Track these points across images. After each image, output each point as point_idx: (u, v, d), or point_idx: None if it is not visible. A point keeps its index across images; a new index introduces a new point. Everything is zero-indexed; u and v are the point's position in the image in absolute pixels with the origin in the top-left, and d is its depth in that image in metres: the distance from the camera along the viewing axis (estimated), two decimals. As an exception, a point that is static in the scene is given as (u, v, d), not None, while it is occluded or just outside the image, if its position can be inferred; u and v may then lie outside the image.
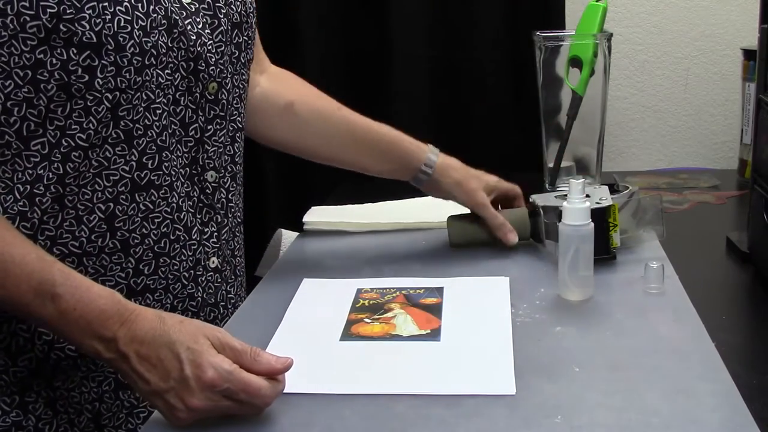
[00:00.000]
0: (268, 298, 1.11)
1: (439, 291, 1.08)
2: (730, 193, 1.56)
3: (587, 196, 1.04)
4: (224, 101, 1.02)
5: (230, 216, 1.07)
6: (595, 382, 0.84)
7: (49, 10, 0.84)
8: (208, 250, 1.03)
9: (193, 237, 1.00)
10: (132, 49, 0.89)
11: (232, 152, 1.05)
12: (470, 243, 1.24)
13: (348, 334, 0.97)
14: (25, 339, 0.94)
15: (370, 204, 1.45)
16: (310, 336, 0.97)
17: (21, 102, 0.87)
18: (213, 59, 0.98)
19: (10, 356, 0.94)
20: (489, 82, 1.75)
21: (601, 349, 0.91)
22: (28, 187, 0.89)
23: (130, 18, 0.88)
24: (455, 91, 1.77)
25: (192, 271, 1.01)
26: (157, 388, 0.79)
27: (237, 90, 1.05)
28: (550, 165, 1.60)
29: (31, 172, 0.89)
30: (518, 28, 1.71)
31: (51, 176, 0.90)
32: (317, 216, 1.38)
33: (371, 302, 1.06)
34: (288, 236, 1.37)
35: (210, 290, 1.04)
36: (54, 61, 0.86)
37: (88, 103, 0.89)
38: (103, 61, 0.88)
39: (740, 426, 0.75)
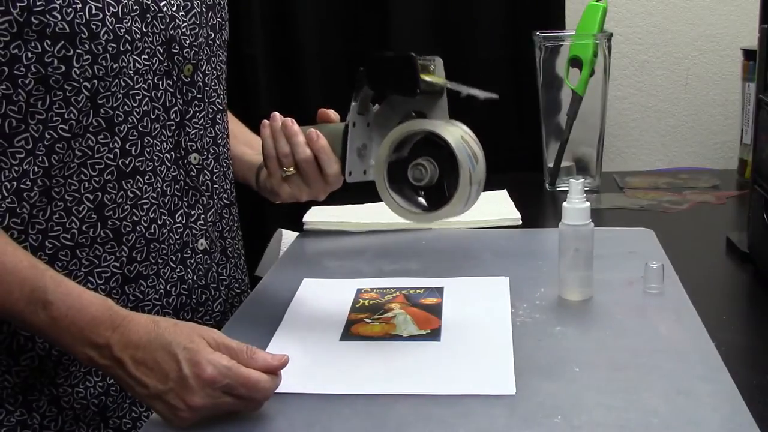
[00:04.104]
0: (268, 298, 1.11)
1: (439, 291, 1.08)
2: (730, 193, 1.56)
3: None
4: (200, 83, 1.02)
5: (216, 197, 1.07)
6: (595, 382, 0.84)
7: (19, 4, 0.84)
8: (195, 232, 1.03)
9: (179, 220, 1.01)
10: (106, 36, 0.89)
11: (213, 134, 1.05)
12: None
13: (348, 334, 0.97)
14: (25, 338, 0.94)
15: (370, 204, 1.45)
16: (310, 336, 0.97)
17: (0, 100, 0.87)
18: (188, 42, 0.98)
19: (12, 356, 0.94)
20: (489, 82, 1.74)
21: (601, 349, 0.91)
22: (15, 183, 0.90)
23: (101, 5, 0.89)
24: (455, 91, 1.77)
25: (180, 254, 1.01)
26: (156, 390, 0.79)
27: (214, 72, 1.05)
28: (550, 165, 1.60)
29: (17, 168, 0.89)
30: (518, 28, 1.71)
31: (37, 170, 0.90)
32: (317, 216, 1.38)
33: (371, 302, 1.06)
34: (288, 236, 1.37)
35: (199, 272, 1.04)
36: (29, 54, 0.86)
37: (67, 94, 0.89)
38: (78, 51, 0.88)
39: (740, 426, 0.75)
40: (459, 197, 0.87)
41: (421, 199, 0.92)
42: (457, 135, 0.89)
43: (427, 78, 0.90)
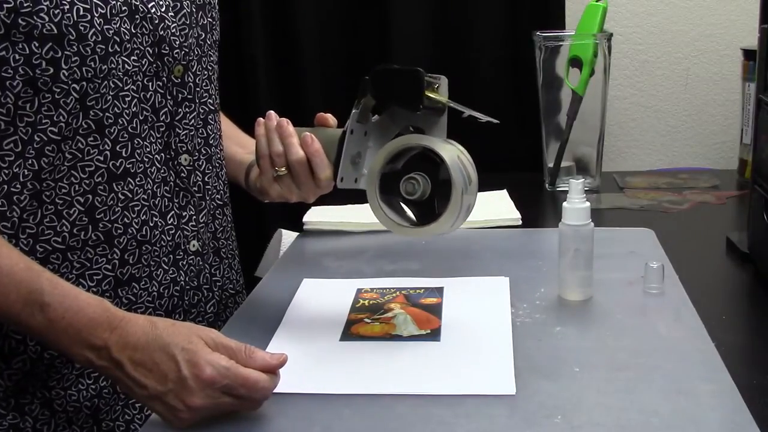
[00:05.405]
0: (268, 298, 1.11)
1: (439, 291, 1.08)
2: (730, 193, 1.56)
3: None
4: (191, 84, 1.01)
5: (208, 198, 1.06)
6: (595, 382, 0.84)
7: (5, 6, 0.84)
8: (187, 233, 1.03)
9: (170, 222, 1.01)
10: (94, 37, 0.89)
11: (204, 135, 1.05)
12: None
13: (348, 334, 0.97)
14: (17, 341, 0.93)
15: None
16: (310, 336, 0.97)
17: None
18: (177, 42, 0.98)
19: (4, 359, 0.93)
20: (489, 82, 1.75)
21: (601, 349, 0.91)
22: (5, 186, 0.89)
23: (89, 6, 0.88)
24: (455, 92, 1.77)
25: (172, 256, 1.01)
26: (155, 392, 0.79)
27: (205, 72, 1.05)
28: (550, 165, 1.60)
29: (6, 171, 0.89)
30: (518, 28, 1.72)
31: (27, 173, 0.90)
32: (317, 216, 1.38)
33: (371, 302, 1.06)
34: (288, 236, 1.37)
35: (192, 273, 1.04)
36: (17, 56, 0.86)
37: (56, 96, 0.89)
38: (66, 52, 0.88)
39: (740, 426, 0.75)
40: (448, 215, 0.88)
41: (410, 213, 0.92)
42: (454, 154, 0.89)
43: (430, 95, 0.90)
